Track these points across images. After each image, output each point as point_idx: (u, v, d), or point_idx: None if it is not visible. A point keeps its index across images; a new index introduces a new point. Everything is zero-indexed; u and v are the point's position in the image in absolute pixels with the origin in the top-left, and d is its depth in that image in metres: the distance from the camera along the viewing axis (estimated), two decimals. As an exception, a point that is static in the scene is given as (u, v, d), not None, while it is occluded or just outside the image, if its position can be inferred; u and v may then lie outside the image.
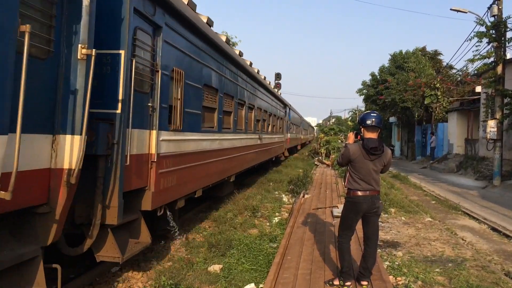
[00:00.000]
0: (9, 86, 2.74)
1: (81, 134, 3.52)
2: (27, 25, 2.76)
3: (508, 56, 17.14)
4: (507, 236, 8.21)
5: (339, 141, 26.02)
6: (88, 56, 3.56)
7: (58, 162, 3.52)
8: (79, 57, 3.52)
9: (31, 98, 3.13)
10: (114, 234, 4.41)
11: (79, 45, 3.52)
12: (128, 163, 4.49)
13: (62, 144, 3.52)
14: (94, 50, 3.56)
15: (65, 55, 3.52)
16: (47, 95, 3.43)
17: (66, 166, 3.52)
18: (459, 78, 28.22)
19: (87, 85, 3.54)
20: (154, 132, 5.17)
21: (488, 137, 16.64)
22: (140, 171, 4.95)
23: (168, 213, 5.83)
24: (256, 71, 12.74)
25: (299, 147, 35.77)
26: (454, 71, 30.59)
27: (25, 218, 3.50)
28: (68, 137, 3.53)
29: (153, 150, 5.15)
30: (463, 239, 7.79)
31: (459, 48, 77.20)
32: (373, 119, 4.44)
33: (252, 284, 4.76)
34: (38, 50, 3.27)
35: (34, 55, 3.20)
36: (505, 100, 16.00)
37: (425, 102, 27.45)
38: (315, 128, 64.38)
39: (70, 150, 3.53)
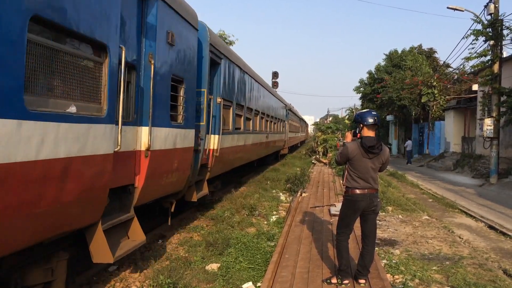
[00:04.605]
0: None
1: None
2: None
3: (505, 55, 17.18)
4: (504, 234, 8.23)
5: (336, 139, 26.04)
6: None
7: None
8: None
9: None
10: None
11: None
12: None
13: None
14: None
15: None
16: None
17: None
18: (456, 77, 28.25)
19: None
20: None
21: (485, 135, 16.69)
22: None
23: None
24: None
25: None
26: (450, 69, 30.64)
27: None
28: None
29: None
30: (460, 237, 7.80)
31: (456, 46, 77.41)
32: (375, 118, 4.46)
33: (250, 283, 4.76)
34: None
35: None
36: (502, 98, 16.05)
37: (422, 101, 27.47)
38: (311, 126, 64.15)
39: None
